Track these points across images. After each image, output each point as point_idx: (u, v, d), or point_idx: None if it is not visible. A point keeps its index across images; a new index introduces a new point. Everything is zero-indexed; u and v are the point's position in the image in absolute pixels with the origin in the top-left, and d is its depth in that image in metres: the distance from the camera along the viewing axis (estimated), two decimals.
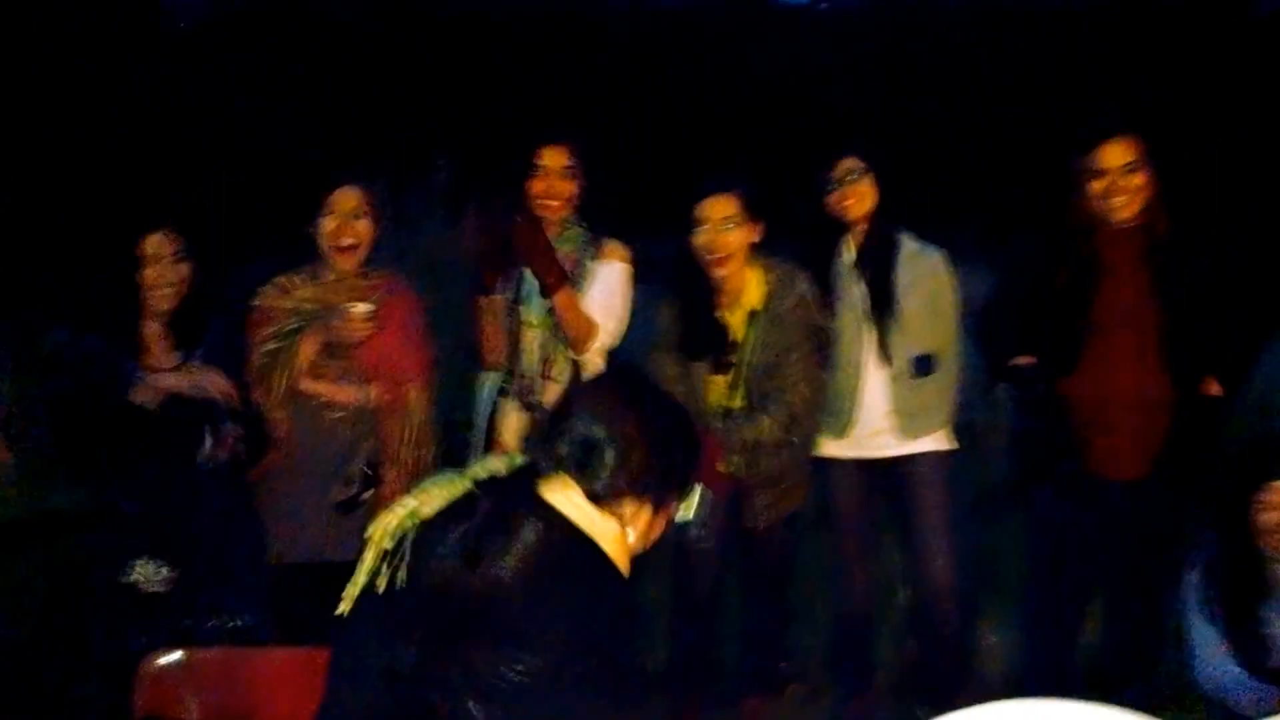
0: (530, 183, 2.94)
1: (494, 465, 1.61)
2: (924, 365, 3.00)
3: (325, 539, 2.76)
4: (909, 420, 3.00)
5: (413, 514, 1.51)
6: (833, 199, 3.01)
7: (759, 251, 2.95)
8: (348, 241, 2.87)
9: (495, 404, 3.00)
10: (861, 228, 3.03)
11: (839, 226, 3.05)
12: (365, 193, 2.90)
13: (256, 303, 2.88)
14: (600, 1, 13.26)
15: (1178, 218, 2.79)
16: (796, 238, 3.15)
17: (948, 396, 3.02)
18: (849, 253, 3.06)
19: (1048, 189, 2.92)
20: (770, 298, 2.90)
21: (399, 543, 1.50)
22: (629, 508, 1.55)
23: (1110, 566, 2.85)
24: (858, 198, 2.99)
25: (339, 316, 2.79)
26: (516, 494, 1.53)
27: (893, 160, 3.08)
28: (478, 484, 1.55)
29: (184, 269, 2.77)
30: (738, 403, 2.91)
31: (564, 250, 2.93)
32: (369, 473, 2.81)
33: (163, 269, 2.74)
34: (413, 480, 2.76)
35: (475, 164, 5.75)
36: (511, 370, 2.99)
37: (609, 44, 10.97)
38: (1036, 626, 2.98)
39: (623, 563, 1.55)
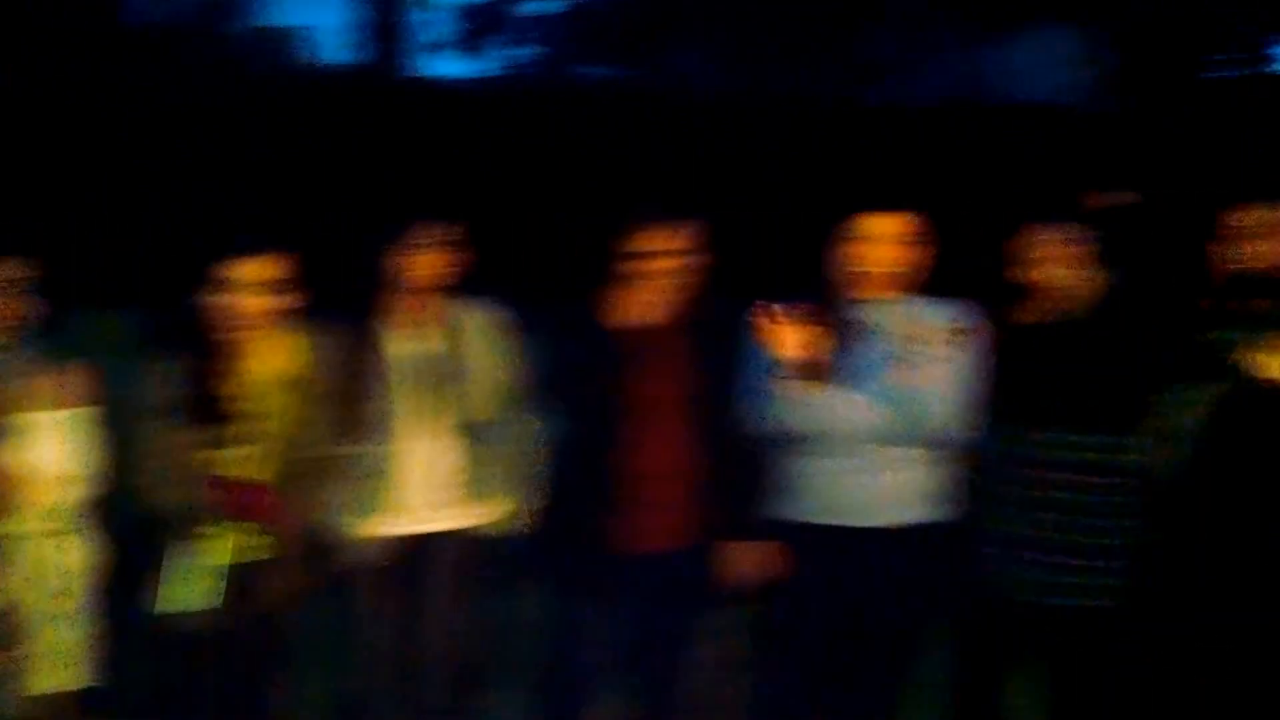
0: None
1: None
2: (478, 433, 2.80)
3: None
4: (456, 492, 2.79)
5: None
6: (404, 260, 2.72)
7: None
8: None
9: None
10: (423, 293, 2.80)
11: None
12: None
13: None
14: None
15: None
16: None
17: (502, 467, 2.81)
18: (405, 317, 2.79)
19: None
20: (290, 361, 2.67)
21: None
22: None
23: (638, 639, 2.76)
24: (427, 266, 2.73)
25: None
26: None
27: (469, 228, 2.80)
28: None
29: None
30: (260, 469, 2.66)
31: None
32: None
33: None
34: None
35: None
36: None
37: None
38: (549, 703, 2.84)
39: None
